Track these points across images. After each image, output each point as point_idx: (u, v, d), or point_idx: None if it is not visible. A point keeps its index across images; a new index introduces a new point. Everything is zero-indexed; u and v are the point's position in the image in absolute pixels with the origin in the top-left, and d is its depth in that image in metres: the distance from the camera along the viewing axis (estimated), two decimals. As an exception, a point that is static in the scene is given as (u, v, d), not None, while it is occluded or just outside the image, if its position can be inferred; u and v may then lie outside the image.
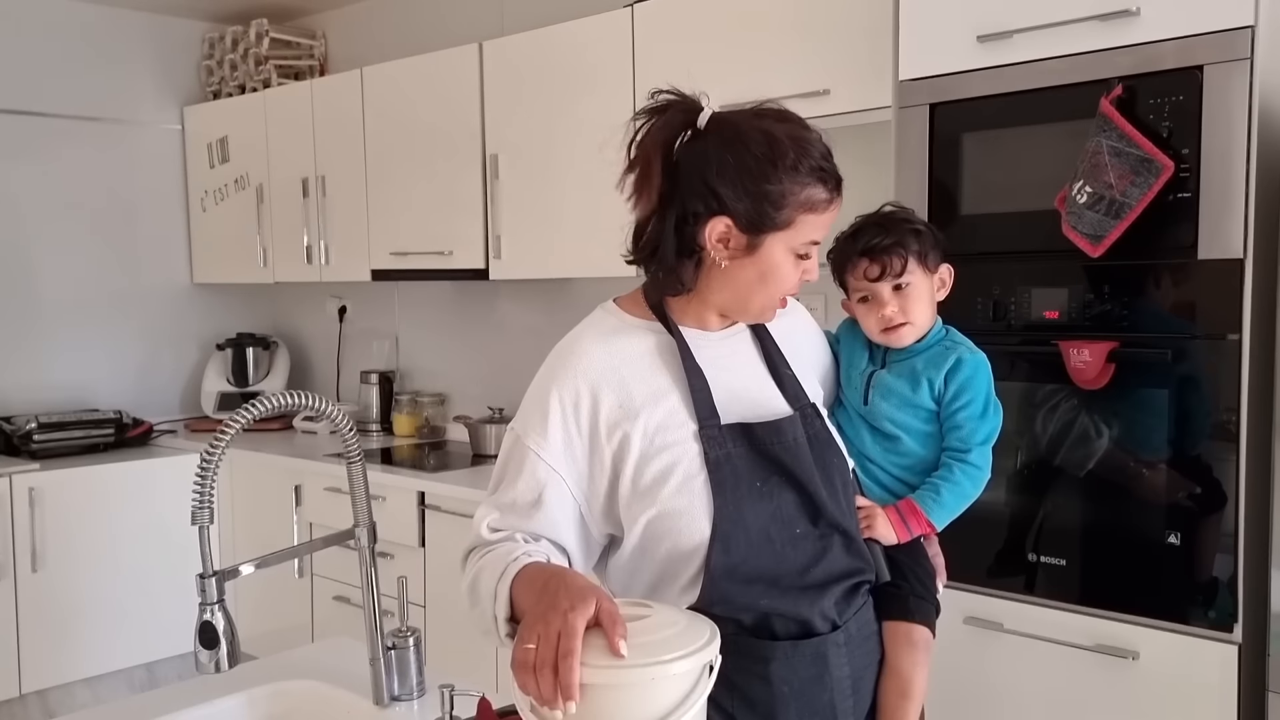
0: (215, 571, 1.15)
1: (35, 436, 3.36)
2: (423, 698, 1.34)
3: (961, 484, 1.26)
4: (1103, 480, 1.76)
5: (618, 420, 1.13)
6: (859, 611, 1.19)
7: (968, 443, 1.27)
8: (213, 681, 1.34)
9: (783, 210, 1.11)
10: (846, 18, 2.22)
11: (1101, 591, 1.77)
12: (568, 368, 1.17)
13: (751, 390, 1.20)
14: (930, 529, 1.26)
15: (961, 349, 1.29)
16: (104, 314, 3.82)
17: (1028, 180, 1.80)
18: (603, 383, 1.15)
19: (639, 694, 0.91)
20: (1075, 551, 1.80)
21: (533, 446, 1.14)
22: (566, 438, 1.14)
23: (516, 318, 3.41)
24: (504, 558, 1.07)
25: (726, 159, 1.11)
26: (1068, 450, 1.80)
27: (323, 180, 3.48)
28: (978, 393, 1.27)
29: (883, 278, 1.27)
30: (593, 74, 2.69)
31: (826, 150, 1.14)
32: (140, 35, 3.88)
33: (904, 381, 1.28)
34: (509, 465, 1.16)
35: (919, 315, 1.28)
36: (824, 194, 1.12)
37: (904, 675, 1.21)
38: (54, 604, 3.23)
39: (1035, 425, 1.82)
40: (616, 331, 1.19)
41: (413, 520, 2.91)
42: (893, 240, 1.27)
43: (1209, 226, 1.62)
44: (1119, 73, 1.68)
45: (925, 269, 1.28)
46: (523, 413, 1.18)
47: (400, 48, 3.43)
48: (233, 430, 1.15)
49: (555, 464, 1.13)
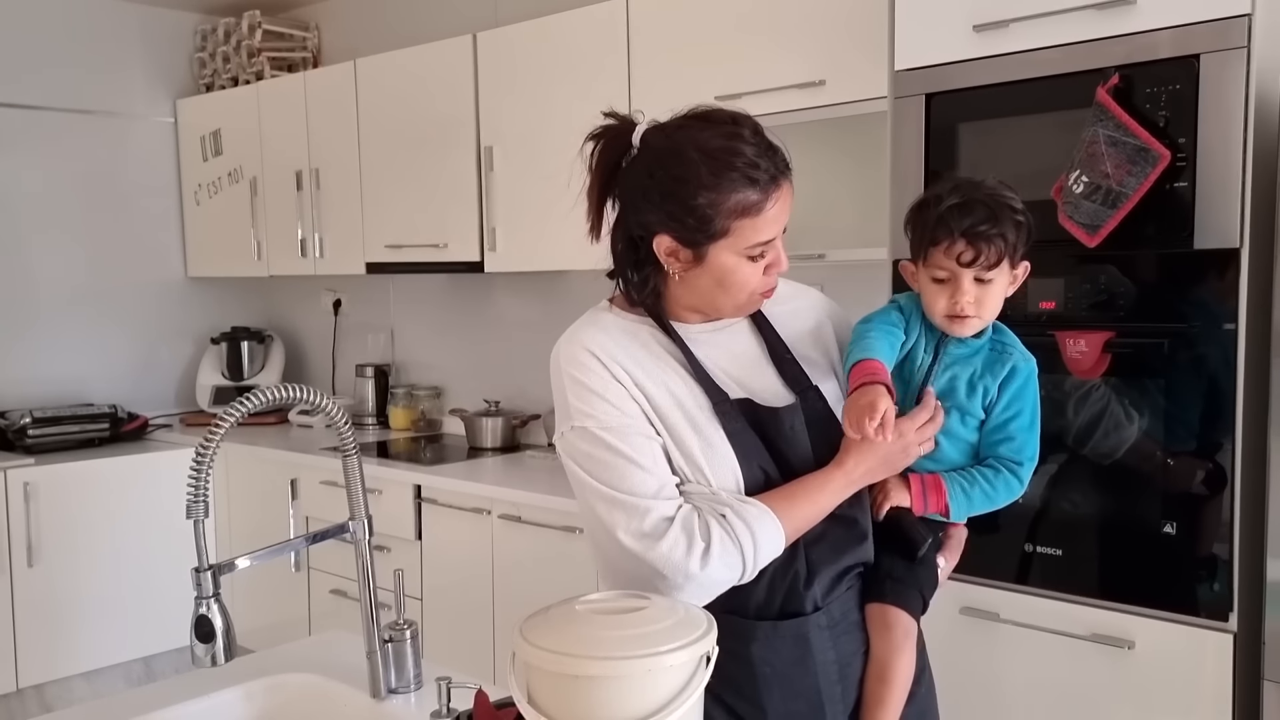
0: (211, 565, 1.15)
1: (30, 431, 3.35)
2: (419, 690, 1.34)
3: (997, 491, 1.21)
4: (1099, 470, 1.76)
5: (632, 382, 1.16)
6: (844, 595, 1.20)
7: (1020, 455, 1.21)
8: (209, 675, 1.34)
9: (714, 221, 1.11)
10: (841, 8, 2.21)
11: (1097, 581, 1.78)
12: (574, 347, 1.18)
13: (752, 377, 1.21)
14: (944, 513, 1.21)
15: (1016, 355, 1.22)
16: (98, 308, 3.81)
17: (1024, 170, 1.80)
18: (613, 359, 1.17)
19: (636, 685, 0.91)
20: (1071, 541, 1.80)
21: (595, 429, 1.14)
22: (619, 398, 1.15)
23: (512, 310, 3.40)
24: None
25: (649, 183, 1.14)
26: (1064, 441, 1.80)
27: (317, 173, 3.46)
28: (1027, 403, 1.21)
29: (974, 265, 1.17)
30: (588, 65, 2.68)
31: (762, 146, 1.11)
32: (132, 28, 3.86)
33: (963, 386, 1.21)
34: (601, 462, 1.14)
35: (990, 311, 1.20)
36: (755, 195, 1.10)
37: (879, 659, 1.19)
38: (50, 599, 3.22)
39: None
40: (614, 325, 1.21)
41: (409, 513, 2.90)
42: (998, 231, 1.17)
43: (1205, 216, 1.62)
44: (1115, 62, 1.68)
45: (1011, 264, 1.20)
46: (566, 413, 1.17)
47: (394, 39, 3.41)
48: (227, 424, 1.14)
49: (625, 424, 1.14)
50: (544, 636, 0.95)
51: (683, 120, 1.16)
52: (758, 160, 1.11)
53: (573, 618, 0.98)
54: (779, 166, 1.12)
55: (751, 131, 1.13)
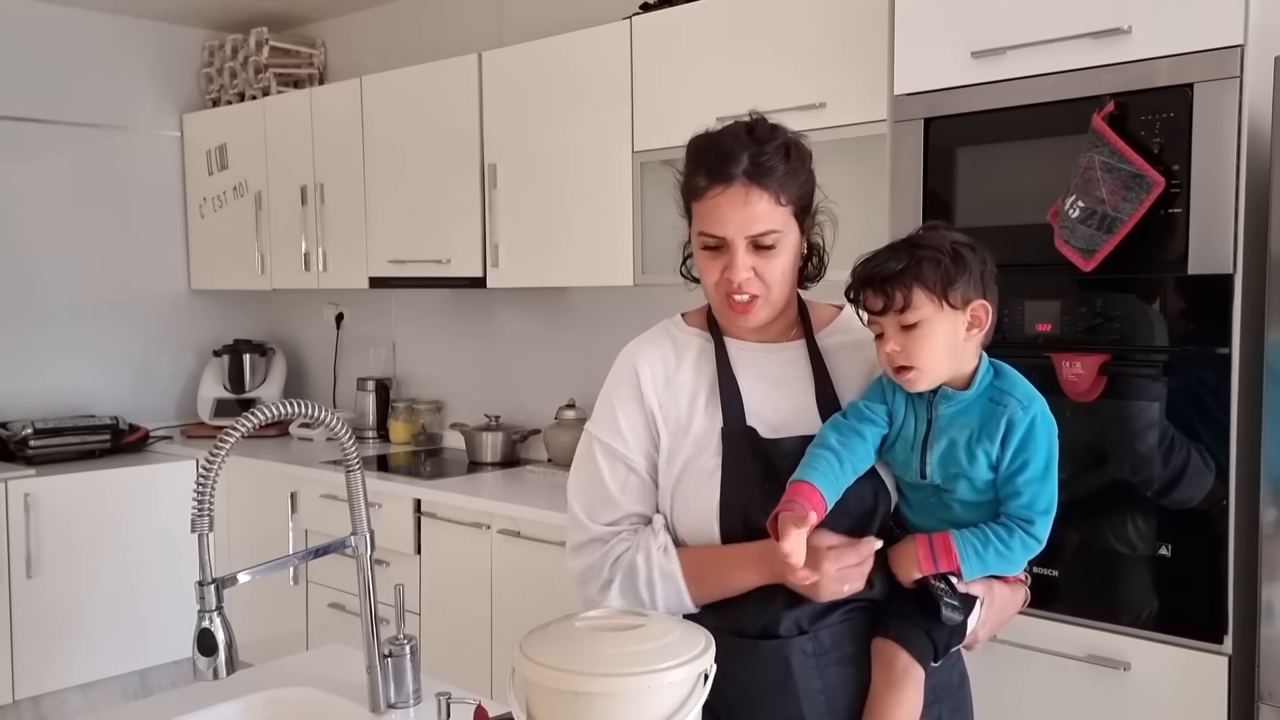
0: (214, 579, 1.16)
1: (31, 442, 3.36)
2: (419, 705, 1.34)
3: (1013, 551, 1.13)
4: (1094, 492, 1.77)
5: (658, 406, 1.24)
6: (837, 626, 1.18)
7: (1030, 511, 1.13)
8: (208, 688, 1.34)
9: (686, 197, 1.22)
10: (842, 32, 2.24)
11: (1093, 603, 1.78)
12: (627, 357, 1.29)
13: (790, 404, 1.23)
14: (957, 574, 1.14)
15: (1012, 404, 1.12)
16: (101, 320, 3.82)
17: (1021, 194, 1.82)
18: (651, 379, 1.25)
19: (635, 702, 0.92)
20: (1067, 563, 1.81)
21: (606, 438, 1.27)
22: (631, 424, 1.26)
23: (513, 326, 3.42)
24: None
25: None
26: (1060, 463, 1.81)
27: (321, 188, 3.49)
28: (1035, 453, 1.12)
29: (886, 312, 1.11)
30: (591, 85, 2.71)
31: (742, 146, 1.15)
32: (140, 42, 3.89)
33: (962, 453, 1.13)
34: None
35: (928, 359, 1.10)
36: (702, 180, 1.18)
37: (874, 695, 1.16)
38: (48, 610, 3.22)
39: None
40: (673, 338, 1.29)
41: (409, 527, 2.91)
42: (899, 268, 1.09)
43: (1199, 242, 1.63)
44: (1111, 89, 1.70)
45: (942, 304, 1.09)
46: (598, 414, 1.31)
47: (400, 57, 3.45)
48: (232, 439, 1.16)
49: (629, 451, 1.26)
50: (543, 652, 0.95)
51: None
52: (725, 152, 1.16)
53: (572, 634, 0.99)
54: (740, 170, 1.15)
55: (747, 132, 1.18)
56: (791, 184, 1.18)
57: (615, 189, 2.65)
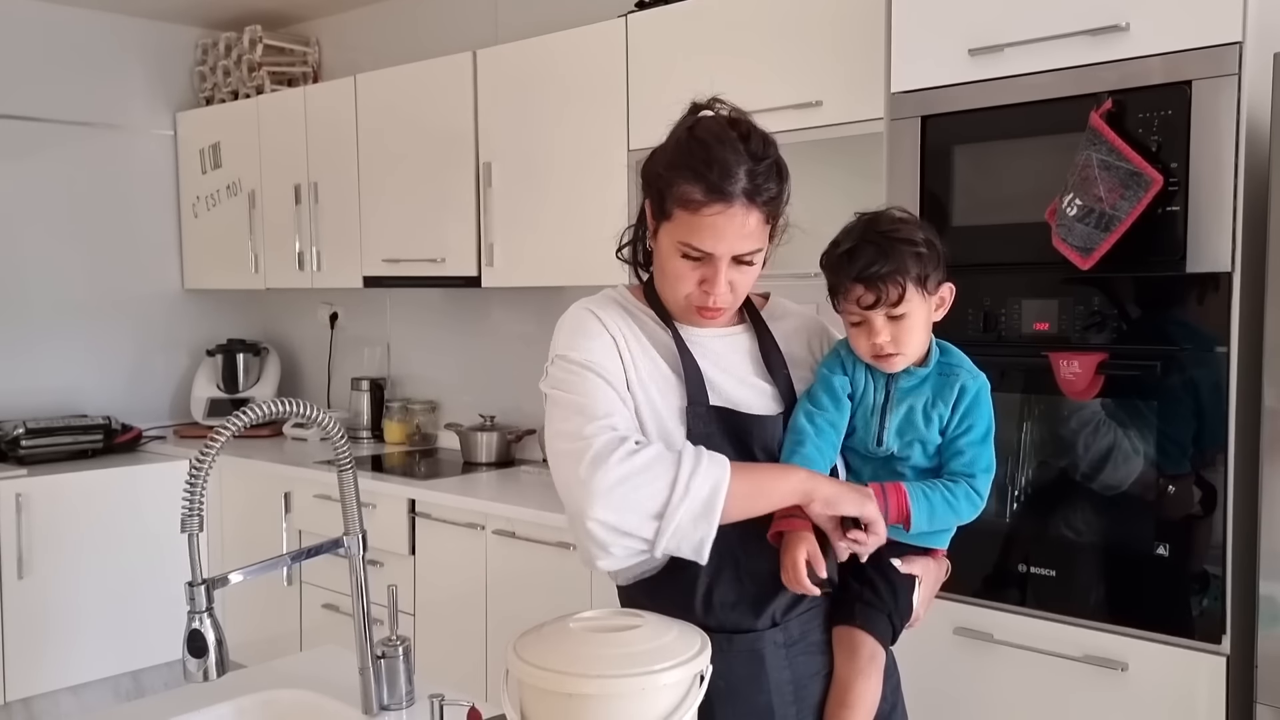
0: (204, 580, 1.15)
1: (23, 442, 3.34)
2: (412, 707, 1.33)
3: (959, 503, 1.19)
4: (1092, 491, 1.77)
5: (631, 363, 1.19)
6: (804, 615, 1.20)
7: (972, 468, 1.20)
8: (200, 690, 1.34)
9: (665, 200, 1.17)
10: (839, 30, 2.23)
11: (1091, 602, 1.78)
12: (579, 309, 1.23)
13: (743, 387, 1.23)
14: (905, 522, 1.17)
15: (963, 374, 1.21)
16: (94, 319, 3.80)
17: (1018, 193, 1.81)
18: (615, 326, 1.21)
19: (630, 704, 0.91)
20: (1065, 562, 1.80)
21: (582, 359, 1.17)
22: (597, 344, 1.19)
23: (508, 325, 3.41)
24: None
25: (662, 143, 1.20)
26: (1058, 462, 1.81)
27: (315, 187, 3.47)
28: (979, 418, 1.21)
29: (877, 306, 1.17)
30: (586, 84, 2.70)
31: (740, 163, 1.12)
32: (134, 41, 3.88)
33: (920, 418, 1.20)
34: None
35: (912, 345, 1.19)
36: (698, 195, 1.13)
37: (842, 682, 1.19)
38: (40, 611, 3.20)
39: (1025, 437, 1.83)
40: (622, 305, 1.26)
41: (403, 528, 2.90)
42: (891, 267, 1.16)
43: (1197, 240, 1.63)
44: (1108, 87, 1.69)
45: (924, 293, 1.19)
46: (553, 352, 1.21)
47: (394, 55, 3.43)
48: (223, 438, 1.15)
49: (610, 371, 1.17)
50: (538, 654, 0.95)
51: (720, 110, 1.22)
52: (726, 169, 1.12)
53: (566, 635, 0.98)
54: (739, 189, 1.12)
55: (743, 145, 1.14)
56: (779, 203, 1.19)
57: (610, 187, 2.64)
